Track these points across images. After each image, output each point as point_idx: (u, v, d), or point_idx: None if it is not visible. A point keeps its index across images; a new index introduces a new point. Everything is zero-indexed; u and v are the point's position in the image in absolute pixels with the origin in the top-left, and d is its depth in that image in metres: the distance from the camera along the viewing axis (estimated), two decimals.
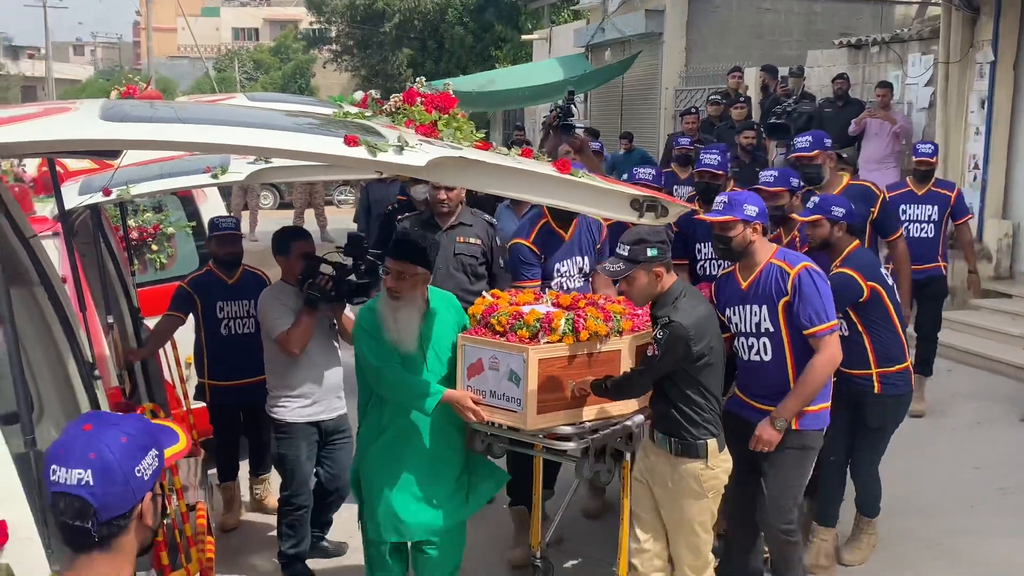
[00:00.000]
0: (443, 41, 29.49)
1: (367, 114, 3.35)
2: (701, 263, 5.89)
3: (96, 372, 3.81)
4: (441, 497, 4.39)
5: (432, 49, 29.93)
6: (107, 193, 4.86)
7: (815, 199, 5.11)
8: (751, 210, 4.32)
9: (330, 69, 34.74)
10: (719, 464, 4.14)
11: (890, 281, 5.07)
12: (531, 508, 4.95)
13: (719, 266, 5.46)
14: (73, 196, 4.97)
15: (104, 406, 3.69)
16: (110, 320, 5.30)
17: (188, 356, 6.20)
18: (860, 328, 4.98)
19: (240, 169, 4.88)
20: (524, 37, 25.83)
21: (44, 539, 2.50)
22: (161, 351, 6.06)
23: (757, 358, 4.45)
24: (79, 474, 1.88)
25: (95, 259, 5.31)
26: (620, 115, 18.94)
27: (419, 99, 3.36)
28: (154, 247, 7.31)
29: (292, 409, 5.16)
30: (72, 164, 6.20)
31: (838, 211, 4.99)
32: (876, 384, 5.00)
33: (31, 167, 6.56)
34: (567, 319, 4.17)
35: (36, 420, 3.24)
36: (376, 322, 4.32)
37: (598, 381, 4.20)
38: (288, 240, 5.25)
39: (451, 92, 3.49)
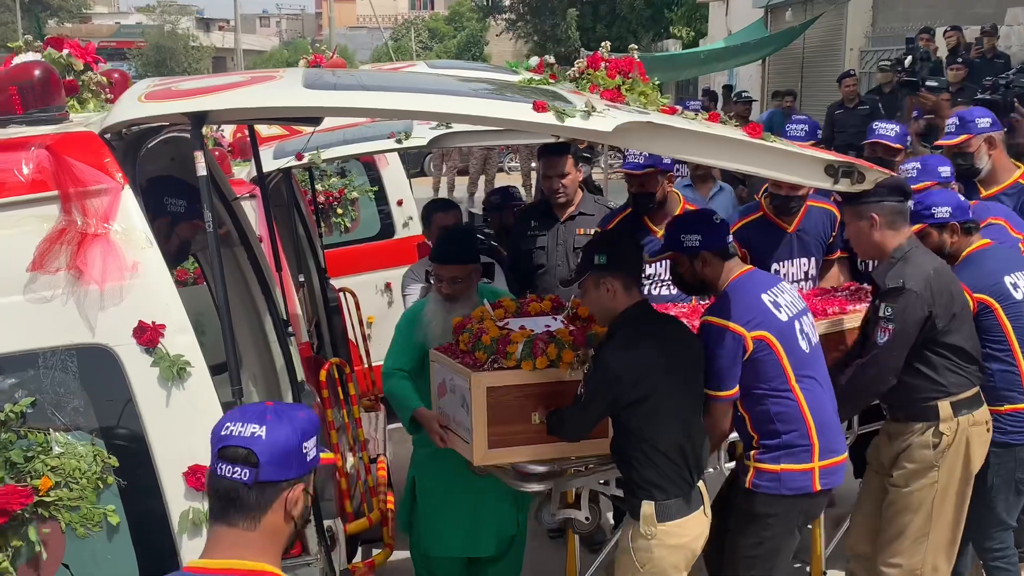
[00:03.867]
0: (615, 5, 29.15)
1: (549, 80, 3.36)
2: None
3: (289, 329, 3.99)
4: (499, 507, 4.05)
5: (604, 14, 29.64)
6: (299, 158, 5.07)
7: (910, 202, 4.00)
8: (692, 240, 3.56)
9: (504, 37, 35.01)
10: (660, 536, 3.32)
11: (1019, 295, 3.96)
12: None
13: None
14: (268, 160, 5.21)
15: (297, 362, 3.86)
16: (301, 279, 5.54)
17: (370, 316, 6.40)
18: None
19: (422, 134, 5.01)
20: None
21: None
22: (345, 311, 6.23)
23: None
24: (253, 428, 1.92)
25: (288, 221, 5.55)
26: (800, 78, 18.32)
27: (603, 64, 3.35)
28: (339, 211, 7.58)
29: None
30: (264, 130, 6.49)
31: (942, 212, 3.99)
32: None
33: (227, 132, 6.89)
34: (526, 343, 3.49)
35: None
36: (413, 321, 4.03)
37: (550, 413, 3.52)
38: (430, 213, 5.06)
39: (635, 57, 3.46)
